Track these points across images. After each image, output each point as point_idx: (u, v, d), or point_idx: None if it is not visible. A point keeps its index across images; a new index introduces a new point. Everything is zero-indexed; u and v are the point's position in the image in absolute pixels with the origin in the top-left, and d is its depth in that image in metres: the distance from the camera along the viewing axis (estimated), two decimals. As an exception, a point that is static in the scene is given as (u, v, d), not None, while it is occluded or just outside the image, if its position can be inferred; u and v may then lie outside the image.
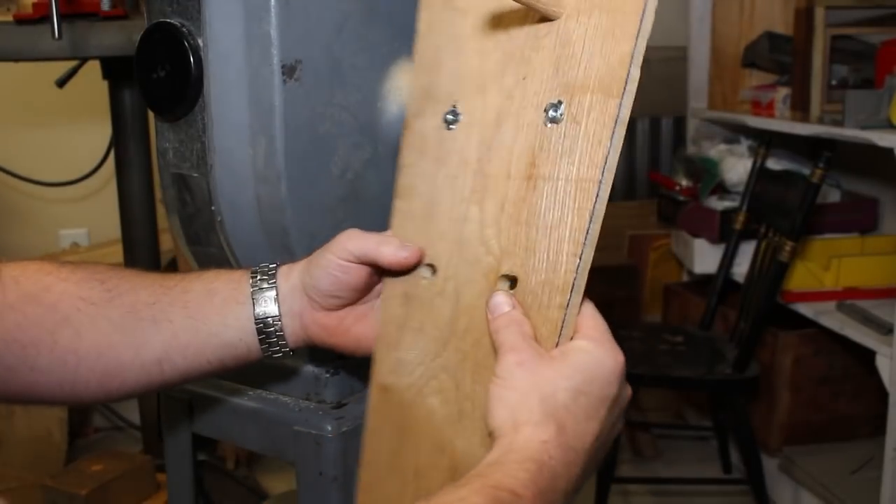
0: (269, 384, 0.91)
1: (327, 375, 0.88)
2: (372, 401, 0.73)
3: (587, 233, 0.61)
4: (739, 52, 2.66)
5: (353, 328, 0.74)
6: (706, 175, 2.58)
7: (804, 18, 2.25)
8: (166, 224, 1.03)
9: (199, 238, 0.90)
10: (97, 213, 2.70)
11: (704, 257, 2.58)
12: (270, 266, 0.74)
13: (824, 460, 2.25)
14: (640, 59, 0.61)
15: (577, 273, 0.61)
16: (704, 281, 2.61)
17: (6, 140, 2.64)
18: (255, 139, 0.82)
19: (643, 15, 0.60)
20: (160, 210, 2.05)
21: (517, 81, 0.66)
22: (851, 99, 1.96)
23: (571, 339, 0.62)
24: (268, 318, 0.72)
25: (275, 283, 0.72)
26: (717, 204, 2.53)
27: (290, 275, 0.73)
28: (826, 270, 2.21)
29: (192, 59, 0.82)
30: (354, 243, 0.70)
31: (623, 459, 2.53)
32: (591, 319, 0.63)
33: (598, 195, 0.60)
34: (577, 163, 0.62)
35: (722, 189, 2.57)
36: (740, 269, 2.39)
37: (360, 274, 0.71)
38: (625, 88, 0.60)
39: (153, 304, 0.71)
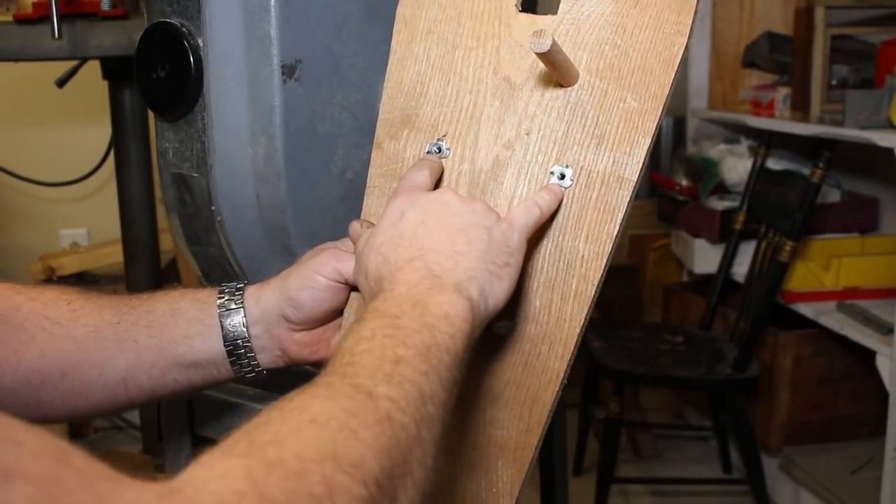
0: (270, 384, 0.91)
1: (327, 375, 0.88)
2: None
3: (591, 299, 0.63)
4: (739, 52, 2.66)
5: (332, 339, 0.73)
6: (706, 175, 2.58)
7: (804, 18, 2.25)
8: (166, 224, 1.03)
9: (199, 238, 0.90)
10: (97, 213, 2.70)
11: (704, 257, 2.58)
12: (237, 286, 0.73)
13: (824, 460, 2.25)
14: (653, 141, 0.64)
15: (578, 335, 0.64)
16: (704, 281, 2.61)
17: (6, 140, 2.64)
18: (255, 139, 0.82)
19: (665, 102, 0.63)
20: (160, 210, 2.05)
21: (518, 134, 0.67)
22: (851, 99, 1.96)
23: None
24: (237, 339, 0.71)
25: (242, 303, 0.71)
26: (717, 204, 2.53)
27: (262, 296, 0.72)
28: (826, 270, 2.21)
29: (192, 59, 0.82)
30: (346, 266, 0.69)
31: (623, 459, 2.53)
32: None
33: (604, 267, 0.63)
34: (584, 232, 0.64)
35: (722, 189, 2.57)
36: (740, 269, 2.39)
37: (344, 296, 0.71)
38: (638, 175, 0.63)
39: (117, 324, 0.71)
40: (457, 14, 0.71)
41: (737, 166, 2.50)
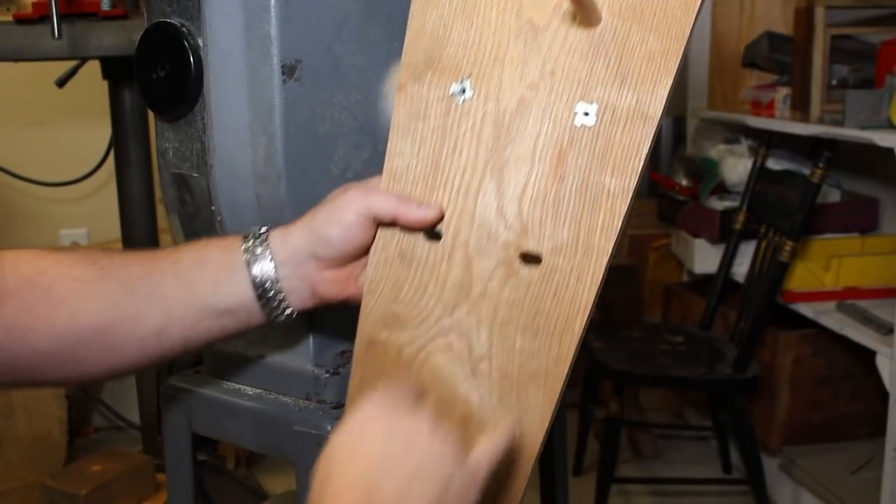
0: (269, 384, 0.91)
1: (327, 375, 0.88)
2: (359, 354, 0.73)
3: (618, 231, 0.65)
4: (739, 51, 2.65)
5: (360, 276, 0.74)
6: (706, 175, 2.58)
7: (804, 18, 2.25)
8: (166, 224, 1.03)
9: (199, 238, 0.90)
10: (97, 213, 2.70)
11: (704, 257, 2.58)
12: (260, 230, 0.73)
13: (824, 460, 2.25)
14: (675, 83, 0.65)
15: (605, 266, 0.66)
16: (704, 281, 2.61)
17: (6, 140, 2.64)
18: (255, 139, 0.82)
19: (686, 43, 0.64)
20: (160, 210, 2.05)
21: (543, 75, 0.68)
22: (851, 99, 1.96)
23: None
24: (266, 281, 0.71)
25: (267, 246, 0.72)
26: (717, 204, 2.53)
27: (288, 237, 0.72)
28: (826, 270, 2.21)
29: (192, 59, 0.82)
30: (377, 202, 0.70)
31: (623, 459, 2.53)
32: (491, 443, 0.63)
33: (629, 201, 0.65)
34: (611, 167, 0.66)
35: (722, 189, 2.57)
36: (740, 269, 2.39)
37: (373, 233, 0.72)
38: (662, 111, 0.65)
39: (145, 278, 0.71)
40: None
41: (737, 166, 2.50)
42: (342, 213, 0.71)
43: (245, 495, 1.90)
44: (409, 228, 0.71)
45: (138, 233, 2.04)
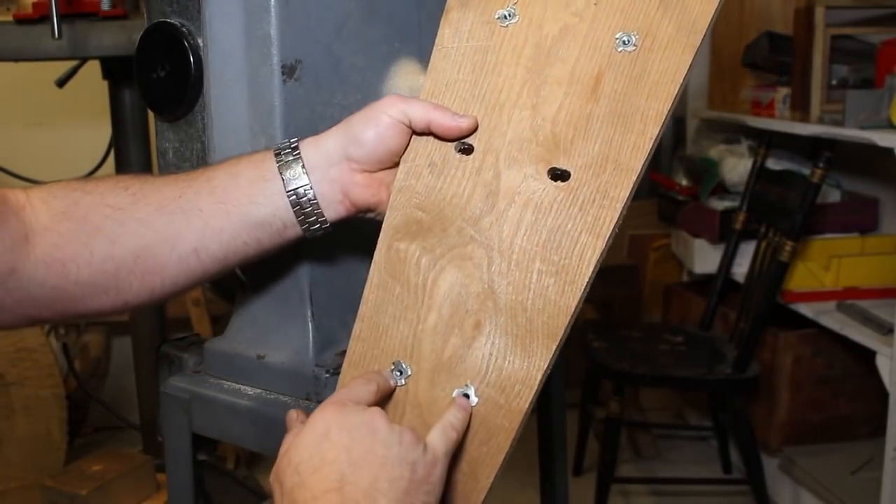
0: (269, 384, 0.91)
1: (327, 375, 0.88)
2: (379, 259, 0.73)
3: (647, 154, 0.67)
4: (739, 52, 2.65)
5: (392, 183, 0.74)
6: (706, 175, 2.58)
7: (804, 18, 2.25)
8: (166, 224, 1.03)
9: (199, 238, 0.90)
10: (97, 213, 2.69)
11: (704, 257, 2.58)
12: (291, 141, 0.74)
13: (824, 460, 2.25)
14: (717, 15, 0.68)
15: (630, 191, 0.67)
16: (704, 281, 2.61)
17: (6, 140, 2.64)
18: (255, 139, 0.82)
19: None
20: (160, 210, 2.05)
21: (588, 4, 0.71)
22: (851, 99, 1.96)
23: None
24: (299, 188, 0.72)
25: (299, 154, 0.72)
26: (717, 204, 2.53)
27: (321, 142, 0.73)
28: (826, 270, 2.21)
29: (192, 59, 0.82)
30: (414, 108, 0.71)
31: (623, 459, 2.53)
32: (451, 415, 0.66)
33: (662, 125, 0.67)
34: (647, 91, 0.68)
35: (722, 189, 2.57)
36: (740, 269, 2.39)
37: (406, 138, 0.72)
38: (700, 41, 0.67)
39: (179, 198, 0.72)
40: None
41: (737, 166, 2.50)
42: (378, 115, 0.72)
43: (245, 495, 1.90)
44: (442, 138, 0.72)
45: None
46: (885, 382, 1.85)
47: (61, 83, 2.05)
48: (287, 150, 0.73)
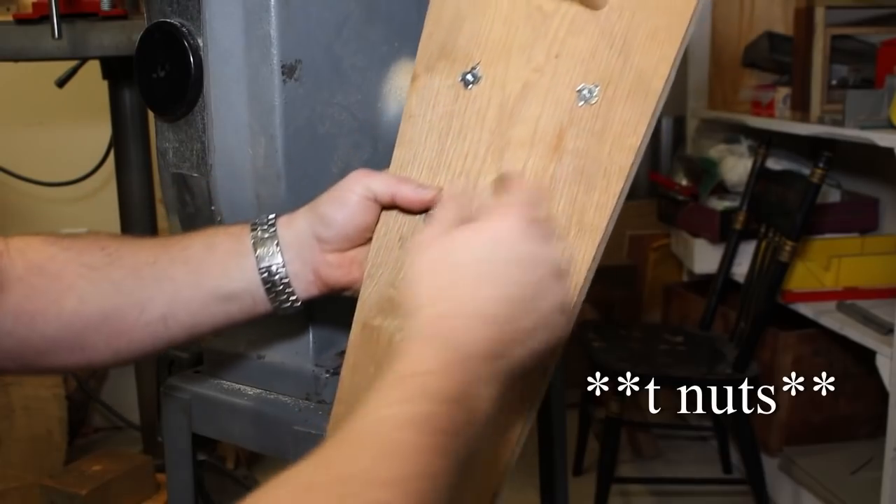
0: (270, 384, 0.91)
1: (327, 375, 0.88)
2: (354, 338, 0.73)
3: (612, 211, 0.65)
4: (739, 52, 2.65)
5: (363, 260, 0.74)
6: (706, 175, 2.58)
7: (804, 18, 2.25)
8: (166, 224, 1.03)
9: (199, 238, 0.89)
10: (97, 213, 2.70)
11: (704, 257, 2.58)
12: (269, 217, 0.74)
13: (824, 460, 2.25)
14: (679, 61, 0.65)
15: (595, 252, 0.65)
16: (704, 281, 2.61)
17: (6, 140, 2.64)
18: (255, 139, 0.82)
19: (690, 23, 0.65)
20: (160, 210, 2.05)
21: (548, 59, 0.69)
22: (851, 99, 1.96)
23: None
24: (272, 266, 0.72)
25: (275, 231, 0.73)
26: (717, 204, 2.53)
27: (293, 223, 0.73)
28: (826, 270, 2.21)
29: (192, 59, 0.82)
30: (377, 182, 0.71)
31: (623, 459, 2.53)
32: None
33: (626, 179, 0.65)
34: (609, 146, 0.66)
35: (722, 189, 2.57)
36: (740, 269, 2.39)
37: (377, 213, 0.72)
38: (663, 87, 0.65)
39: (153, 264, 0.72)
40: None
41: (737, 166, 2.50)
42: (343, 194, 0.72)
43: (245, 495, 1.90)
44: (408, 210, 0.72)
45: (138, 233, 2.03)
46: (885, 382, 1.85)
47: (61, 83, 2.05)
48: (264, 227, 0.73)
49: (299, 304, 0.74)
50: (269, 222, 0.73)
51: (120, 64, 1.90)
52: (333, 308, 0.88)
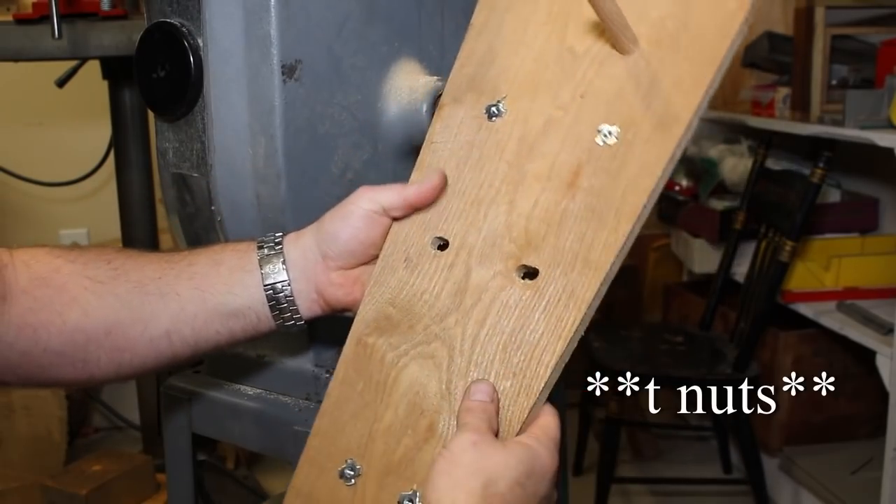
0: (270, 384, 0.91)
1: (327, 375, 0.88)
2: (347, 352, 0.73)
3: (619, 251, 0.66)
4: (739, 52, 2.65)
5: (367, 283, 0.74)
6: (706, 175, 2.58)
7: (804, 18, 2.24)
8: (166, 224, 1.03)
9: (199, 238, 0.90)
10: (97, 213, 2.70)
11: (704, 257, 2.58)
12: (276, 235, 0.74)
13: (824, 460, 2.25)
14: (704, 109, 0.65)
15: (597, 291, 0.66)
16: (704, 281, 2.61)
17: (6, 140, 2.64)
18: (255, 139, 0.82)
19: (717, 72, 0.64)
20: (160, 210, 2.05)
21: (574, 98, 0.70)
22: (851, 99, 1.96)
23: (522, 431, 0.65)
24: (277, 283, 0.72)
25: (281, 249, 0.73)
26: (717, 204, 2.53)
27: (299, 241, 0.73)
28: (826, 270, 2.21)
29: (192, 59, 0.82)
30: (384, 194, 0.71)
31: (623, 459, 2.53)
32: (549, 417, 0.66)
33: (636, 220, 0.65)
34: (623, 186, 0.66)
35: (722, 189, 2.57)
36: (740, 269, 2.39)
37: (383, 229, 0.72)
38: (683, 134, 0.65)
39: (159, 279, 0.72)
40: None
41: (737, 166, 2.50)
42: (349, 209, 0.72)
43: (245, 495, 1.90)
44: (424, 205, 0.72)
45: (138, 233, 2.03)
46: (885, 382, 1.85)
47: (61, 83, 2.05)
48: (270, 244, 0.73)
49: (303, 322, 0.74)
50: (276, 240, 0.74)
51: (120, 64, 1.90)
52: (333, 308, 0.88)
